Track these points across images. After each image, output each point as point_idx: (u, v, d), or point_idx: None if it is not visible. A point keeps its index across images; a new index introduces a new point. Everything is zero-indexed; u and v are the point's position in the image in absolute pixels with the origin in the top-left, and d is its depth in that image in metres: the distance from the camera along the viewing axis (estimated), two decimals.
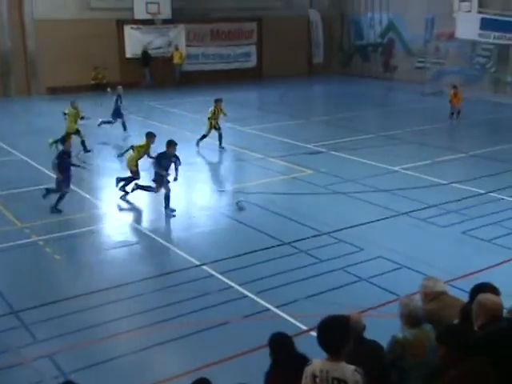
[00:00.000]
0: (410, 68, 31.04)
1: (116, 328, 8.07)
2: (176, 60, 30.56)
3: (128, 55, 29.75)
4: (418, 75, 28.94)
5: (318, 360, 4.47)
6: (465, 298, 5.60)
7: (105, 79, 28.39)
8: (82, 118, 17.45)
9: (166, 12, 29.93)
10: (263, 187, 14.08)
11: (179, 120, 20.04)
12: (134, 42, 29.73)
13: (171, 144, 12.49)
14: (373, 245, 10.55)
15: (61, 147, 13.12)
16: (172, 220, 12.28)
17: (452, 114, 21.43)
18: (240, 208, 12.48)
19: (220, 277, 9.39)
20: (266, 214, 12.30)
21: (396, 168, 15.43)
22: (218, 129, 17.46)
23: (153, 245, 11.00)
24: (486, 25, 24.92)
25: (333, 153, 16.98)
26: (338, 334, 4.44)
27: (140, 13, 29.36)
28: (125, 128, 19.52)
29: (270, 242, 10.73)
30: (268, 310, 8.37)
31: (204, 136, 17.50)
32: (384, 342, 5.23)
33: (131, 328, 8.06)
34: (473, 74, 28.25)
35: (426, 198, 13.04)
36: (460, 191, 13.54)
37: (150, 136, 13.53)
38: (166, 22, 30.32)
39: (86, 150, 17.06)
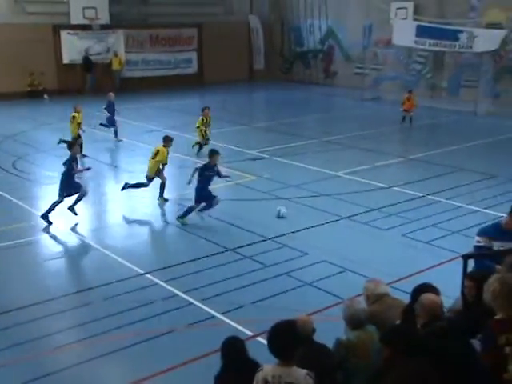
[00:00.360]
0: (350, 74, 31.59)
1: (60, 340, 7.85)
2: (115, 66, 30.15)
3: (65, 61, 29.15)
4: (358, 81, 29.48)
5: (269, 365, 4.46)
6: (407, 299, 5.70)
7: (41, 85, 27.74)
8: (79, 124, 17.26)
9: (104, 17, 29.49)
10: None
11: (120, 127, 19.70)
12: (72, 47, 29.15)
13: (214, 154, 11.98)
14: (316, 249, 10.64)
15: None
16: (114, 229, 12.08)
17: (404, 118, 21.86)
18: (281, 216, 12.23)
19: (164, 285, 9.27)
20: (209, 221, 12.24)
21: (338, 173, 15.64)
22: (206, 138, 17.55)
23: (95, 254, 10.78)
24: (421, 32, 25.59)
25: (275, 159, 17.07)
26: (289, 339, 4.45)
27: (77, 18, 28.81)
28: (116, 135, 19.28)
29: (215, 249, 10.68)
30: (213, 317, 8.31)
31: (200, 146, 17.55)
32: (330, 346, 5.26)
33: (75, 340, 7.86)
34: (410, 79, 29.00)
35: (367, 201, 13.25)
36: (400, 194, 13.83)
37: (167, 140, 13.45)
38: (104, 27, 29.87)
39: (81, 155, 16.54)
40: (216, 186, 14.46)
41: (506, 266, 5.45)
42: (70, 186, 12.01)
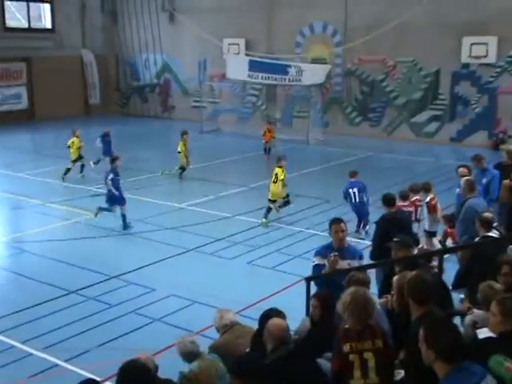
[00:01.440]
0: (188, 107, 31.97)
1: None
2: None
3: None
4: (196, 114, 29.90)
5: None
6: (256, 325, 5.77)
7: None
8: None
9: None
10: (44, 235, 13.29)
11: None
12: None
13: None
14: (164, 284, 10.49)
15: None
16: None
17: (265, 149, 22.34)
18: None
19: (0, 337, 8.58)
20: (48, 263, 11.59)
21: (182, 205, 15.63)
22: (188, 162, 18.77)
23: None
24: (253, 66, 26.66)
25: None
26: (138, 379, 4.32)
27: None
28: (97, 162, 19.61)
29: (55, 293, 10.11)
30: (57, 365, 7.83)
31: (183, 169, 18.67)
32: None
33: None
34: (246, 111, 30.00)
35: (212, 232, 13.35)
36: (244, 223, 14.11)
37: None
38: None
39: (81, 171, 18.91)
40: (53, 226, 13.84)
41: (346, 282, 5.73)
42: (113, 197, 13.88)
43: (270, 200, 14.15)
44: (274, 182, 14.13)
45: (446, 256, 7.74)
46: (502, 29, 22.89)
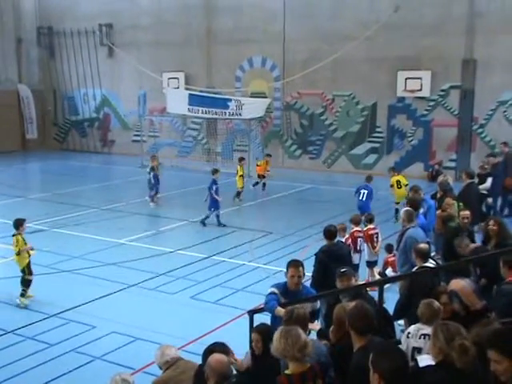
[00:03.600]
0: (128, 142, 31.78)
1: None
2: None
3: None
4: (136, 148, 29.73)
5: None
6: (200, 361, 5.72)
7: None
8: None
9: None
10: None
11: None
12: None
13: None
14: (105, 321, 10.27)
15: None
16: None
17: (257, 183, 21.97)
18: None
19: None
20: None
21: (122, 240, 15.41)
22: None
23: None
24: (193, 100, 26.76)
25: (55, 230, 16.32)
26: None
27: None
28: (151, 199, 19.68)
29: None
30: None
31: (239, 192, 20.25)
32: None
33: None
34: (186, 145, 30.04)
35: (154, 267, 13.20)
36: (186, 257, 14.01)
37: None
38: None
39: None
40: None
41: (286, 320, 5.72)
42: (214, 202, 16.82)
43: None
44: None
45: (386, 286, 7.89)
46: (434, 64, 23.88)
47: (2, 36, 33.04)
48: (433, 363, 4.60)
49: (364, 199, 15.98)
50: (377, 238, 11.86)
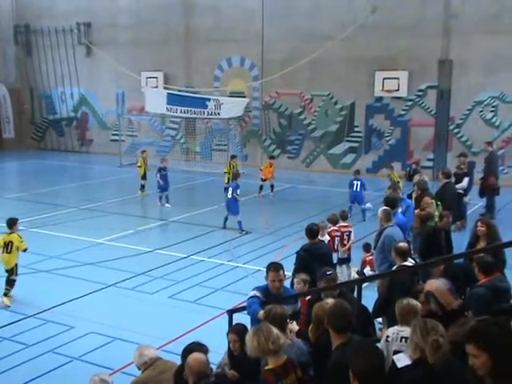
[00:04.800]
0: (106, 141, 31.60)
1: None
2: None
3: None
4: (114, 148, 29.57)
5: None
6: (179, 360, 5.73)
7: None
8: None
9: None
10: None
11: None
12: None
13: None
14: (83, 321, 10.21)
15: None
16: None
17: (267, 185, 21.39)
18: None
19: None
20: None
21: (100, 240, 15.33)
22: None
23: None
24: (172, 100, 26.72)
25: (32, 230, 16.15)
26: None
27: None
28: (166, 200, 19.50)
29: None
30: None
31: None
32: None
33: None
34: (165, 145, 29.94)
35: (132, 267, 13.15)
36: (164, 257, 13.99)
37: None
38: None
39: None
40: None
41: (264, 318, 5.76)
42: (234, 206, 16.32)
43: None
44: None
45: (364, 284, 7.96)
46: (411, 64, 24.11)
47: None
48: (409, 362, 4.66)
49: (358, 189, 17.26)
50: (348, 236, 11.81)
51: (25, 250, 11.57)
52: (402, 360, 4.79)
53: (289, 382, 4.72)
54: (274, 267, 6.91)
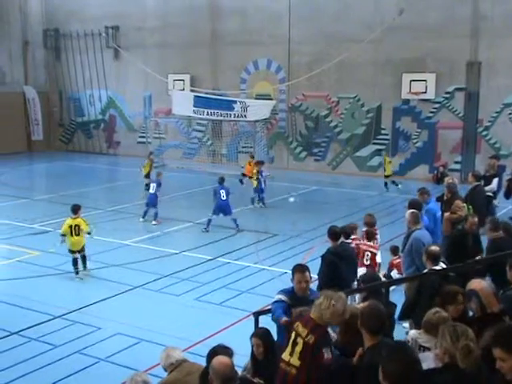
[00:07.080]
0: (133, 143, 31.85)
1: None
2: None
3: None
4: (141, 150, 29.77)
5: None
6: (204, 362, 5.72)
7: None
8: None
9: None
10: None
11: None
12: None
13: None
14: (110, 322, 10.29)
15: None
16: None
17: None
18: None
19: None
20: None
21: (127, 242, 15.43)
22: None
23: None
24: (198, 102, 26.84)
25: (60, 231, 16.32)
26: None
27: None
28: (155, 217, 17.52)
29: None
30: None
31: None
32: None
33: None
34: (192, 147, 30.07)
35: (159, 269, 13.21)
36: (191, 259, 14.02)
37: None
38: None
39: None
40: None
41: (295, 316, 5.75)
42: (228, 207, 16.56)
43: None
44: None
45: (392, 288, 7.88)
46: (439, 66, 23.87)
47: (9, 38, 33.17)
48: (433, 362, 4.59)
49: None
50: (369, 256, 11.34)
51: (89, 233, 12.74)
52: (429, 360, 4.73)
53: (300, 330, 5.10)
54: (300, 268, 6.88)
